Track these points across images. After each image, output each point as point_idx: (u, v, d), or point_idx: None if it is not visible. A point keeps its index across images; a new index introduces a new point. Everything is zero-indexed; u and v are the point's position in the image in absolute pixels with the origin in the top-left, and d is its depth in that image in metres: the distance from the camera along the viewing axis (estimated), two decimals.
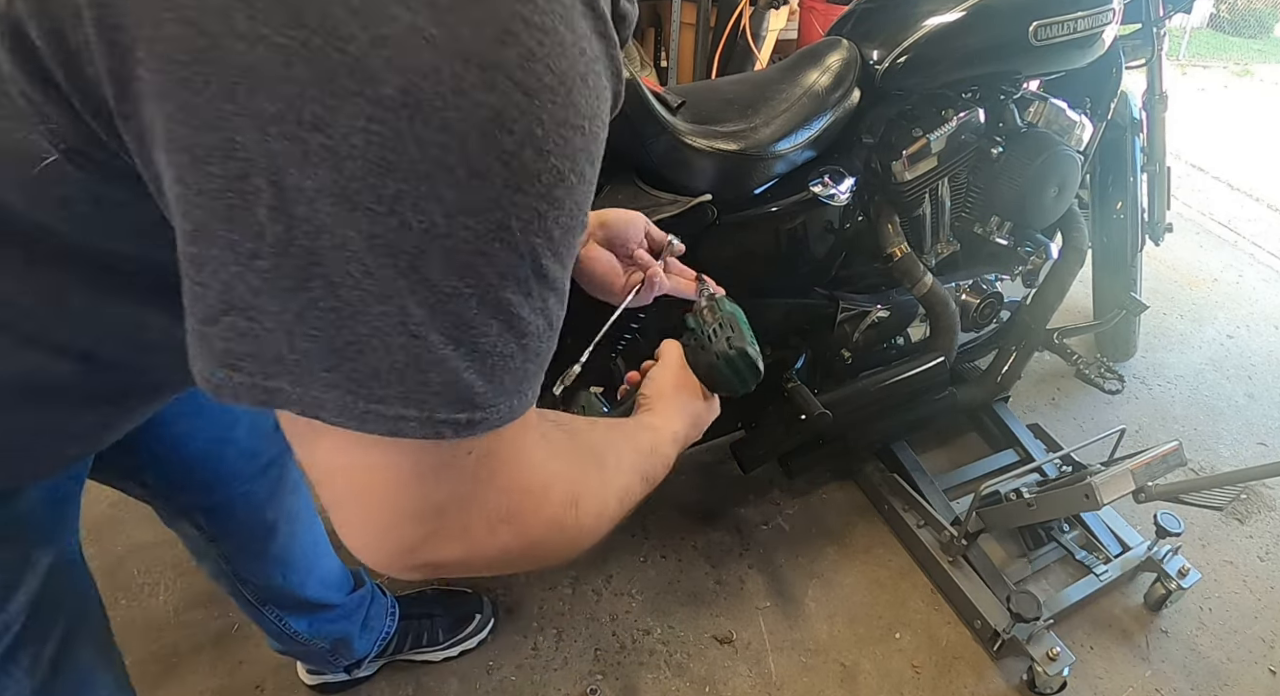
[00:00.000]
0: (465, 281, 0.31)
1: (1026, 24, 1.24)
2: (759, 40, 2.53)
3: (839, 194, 1.21)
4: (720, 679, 1.30)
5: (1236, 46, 5.74)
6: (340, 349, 0.30)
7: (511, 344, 0.33)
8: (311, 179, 0.27)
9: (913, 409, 1.51)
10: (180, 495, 0.86)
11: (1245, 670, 1.37)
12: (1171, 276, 2.52)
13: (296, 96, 0.26)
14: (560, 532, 0.42)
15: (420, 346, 0.31)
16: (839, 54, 1.24)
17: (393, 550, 0.37)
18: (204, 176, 0.28)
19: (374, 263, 0.29)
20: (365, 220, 0.28)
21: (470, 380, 0.32)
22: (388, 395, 0.31)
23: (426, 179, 0.28)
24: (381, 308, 0.30)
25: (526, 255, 0.32)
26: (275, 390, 0.31)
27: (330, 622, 1.11)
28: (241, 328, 0.30)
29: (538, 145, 0.30)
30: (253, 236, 0.28)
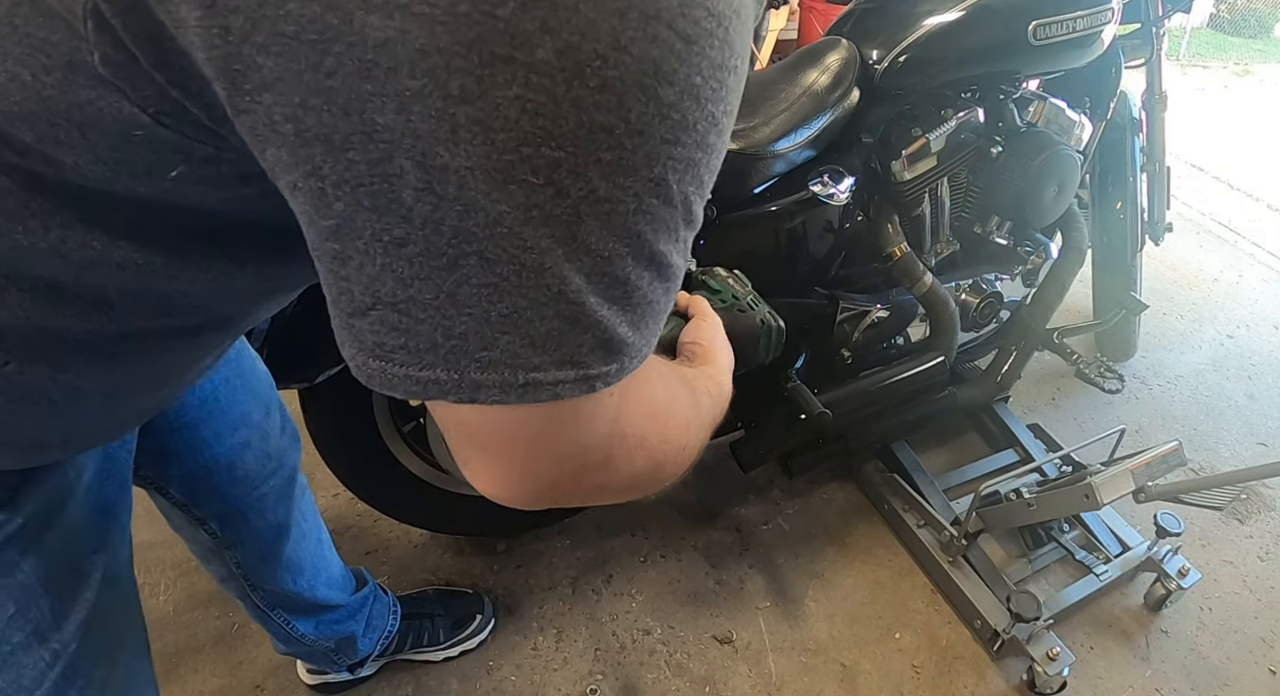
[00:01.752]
0: (623, 242, 0.30)
1: (1026, 23, 1.24)
2: (759, 40, 2.54)
3: (838, 193, 1.22)
4: (720, 679, 1.30)
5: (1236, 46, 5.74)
6: (496, 323, 0.29)
7: (659, 290, 0.33)
8: (461, 155, 0.26)
9: (913, 409, 1.51)
10: (199, 505, 0.86)
11: (1245, 670, 1.37)
12: (1171, 276, 2.52)
13: (442, 69, 0.24)
14: (679, 453, 0.43)
15: (578, 310, 0.30)
16: (838, 53, 1.24)
17: (534, 490, 0.38)
18: (344, 165, 0.26)
19: (530, 235, 0.28)
20: (521, 193, 0.27)
21: (623, 332, 0.32)
22: (544, 362, 0.30)
23: (586, 143, 0.27)
24: (538, 279, 0.29)
25: (680, 204, 0.31)
26: (430, 380, 0.30)
27: (335, 623, 1.11)
28: (392, 321, 0.29)
29: (696, 94, 0.28)
30: (400, 221, 0.27)
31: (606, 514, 1.54)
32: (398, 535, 1.48)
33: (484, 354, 0.30)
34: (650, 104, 0.27)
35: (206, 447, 0.81)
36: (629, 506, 1.56)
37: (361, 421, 1.14)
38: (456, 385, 0.30)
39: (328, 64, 0.24)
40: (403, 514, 1.33)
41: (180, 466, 0.80)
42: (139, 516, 0.99)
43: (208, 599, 1.35)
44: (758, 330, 0.76)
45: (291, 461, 0.95)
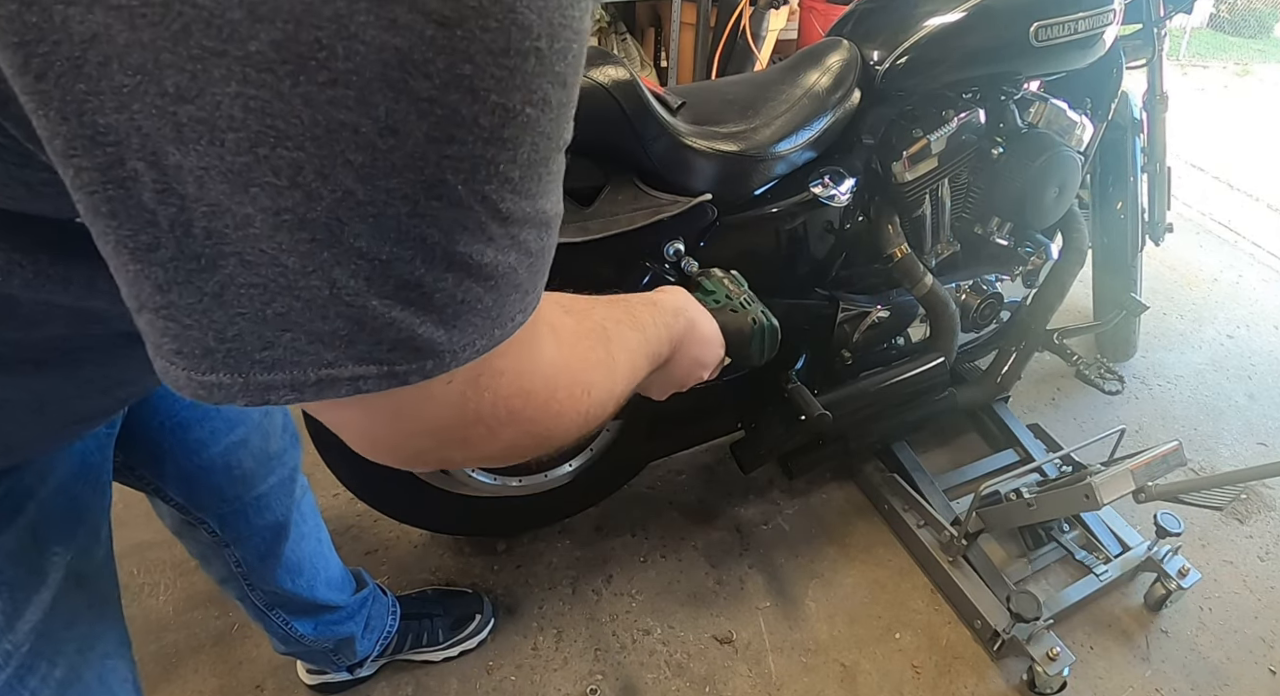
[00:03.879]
0: (403, 246, 0.27)
1: (1027, 25, 1.24)
2: (759, 40, 2.53)
3: (839, 195, 1.22)
4: (720, 679, 1.30)
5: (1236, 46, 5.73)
6: (272, 322, 0.27)
7: (476, 289, 0.30)
8: (193, 156, 0.23)
9: (913, 409, 1.51)
10: (197, 506, 0.86)
11: (1245, 670, 1.37)
12: (1171, 276, 2.52)
13: (152, 64, 0.22)
14: (570, 419, 0.41)
15: (361, 313, 0.27)
16: (839, 54, 1.24)
17: (400, 461, 0.38)
18: (75, 171, 0.24)
19: (288, 240, 0.25)
20: (265, 196, 0.24)
21: (429, 333, 0.29)
22: (338, 357, 0.28)
23: (328, 143, 0.24)
24: (306, 281, 0.26)
25: (476, 205, 0.27)
26: (214, 384, 0.28)
27: (335, 624, 1.11)
28: (160, 325, 0.27)
29: (468, 86, 0.25)
30: (145, 226, 0.25)
31: (606, 514, 1.54)
32: (398, 535, 1.48)
33: (266, 354, 0.27)
34: (401, 100, 0.24)
35: (203, 448, 0.80)
36: (629, 506, 1.56)
37: None
38: (244, 388, 0.28)
39: (35, 66, 0.22)
40: (402, 514, 1.33)
41: (176, 468, 0.80)
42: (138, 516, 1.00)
43: (207, 599, 1.35)
44: (749, 329, 0.75)
45: (292, 461, 0.94)
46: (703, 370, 0.69)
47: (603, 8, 2.70)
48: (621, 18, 2.81)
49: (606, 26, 2.75)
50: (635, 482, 1.54)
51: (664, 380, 0.65)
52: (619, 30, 2.78)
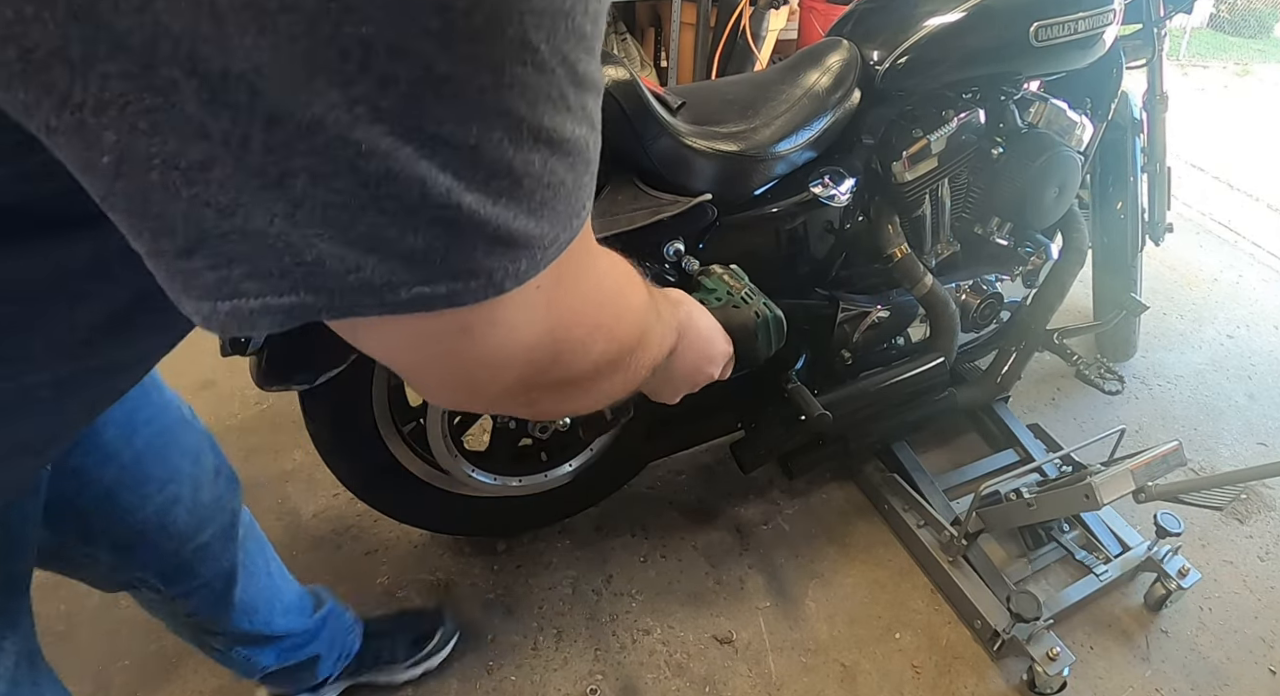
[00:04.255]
0: (490, 125, 0.24)
1: (1027, 25, 1.24)
2: (759, 40, 2.53)
3: (839, 195, 1.22)
4: (720, 679, 1.30)
5: (1236, 46, 5.73)
6: (356, 244, 0.24)
7: (560, 168, 0.27)
8: (239, 54, 0.20)
9: (913, 409, 1.51)
10: (135, 567, 0.81)
11: (1245, 670, 1.37)
12: (1171, 276, 2.52)
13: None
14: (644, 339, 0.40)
15: (455, 214, 0.25)
16: (839, 54, 1.24)
17: (488, 399, 0.35)
18: (98, 83, 0.21)
19: (364, 136, 0.22)
20: (335, 89, 0.21)
21: (523, 226, 0.27)
22: (431, 274, 0.26)
23: (400, 12, 0.21)
24: (390, 188, 0.23)
25: (559, 67, 0.25)
26: (294, 305, 0.25)
27: (296, 648, 1.08)
28: (227, 251, 0.24)
29: None
30: (195, 139, 0.21)
31: (606, 514, 1.54)
32: (398, 535, 1.48)
33: (352, 277, 0.25)
34: None
35: (134, 511, 0.76)
36: (629, 506, 1.56)
37: (361, 422, 1.14)
38: (328, 305, 0.25)
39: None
40: (402, 514, 1.33)
41: (109, 539, 0.75)
42: None
43: None
44: (753, 323, 0.75)
45: (231, 505, 0.90)
46: (711, 366, 0.67)
47: None
48: (621, 18, 2.81)
49: (606, 26, 2.75)
50: (635, 482, 1.54)
51: (670, 378, 0.64)
52: (619, 30, 2.78)
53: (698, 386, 0.68)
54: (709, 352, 0.67)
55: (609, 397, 0.42)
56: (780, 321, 0.77)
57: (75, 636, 1.24)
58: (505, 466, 1.29)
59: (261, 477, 1.58)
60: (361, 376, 1.10)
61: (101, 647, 1.27)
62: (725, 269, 0.82)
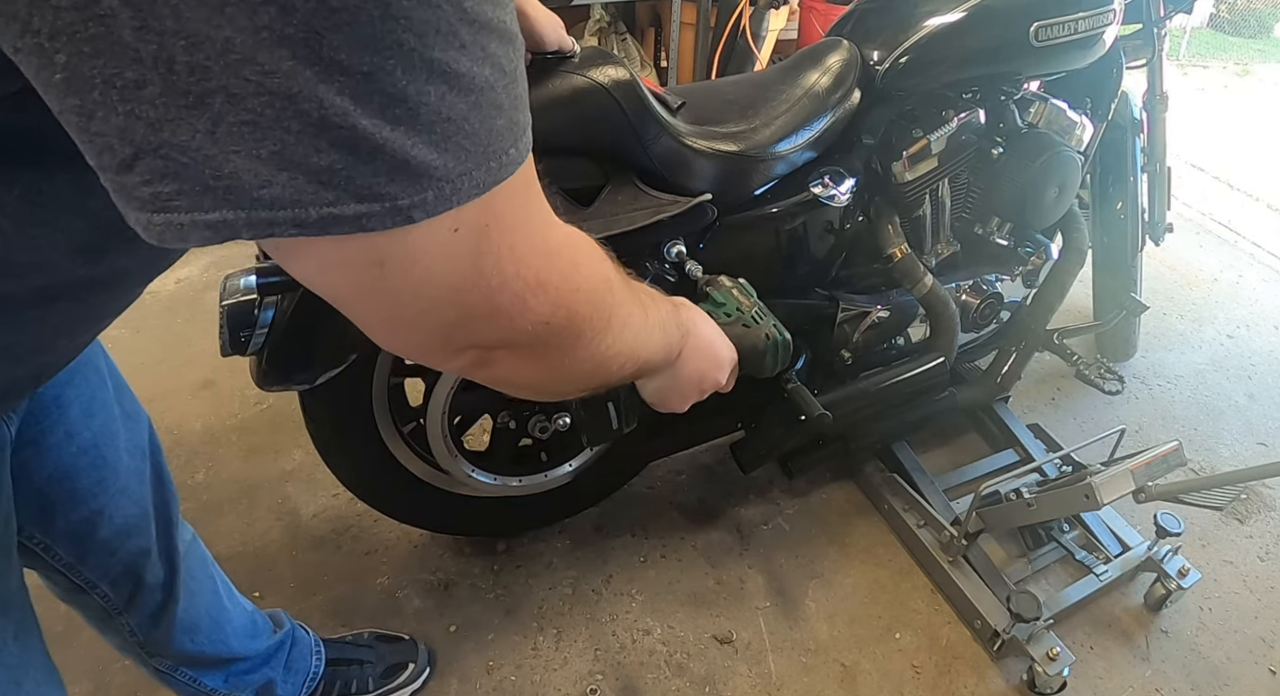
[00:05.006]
0: (382, 55, 0.27)
1: (1027, 25, 1.24)
2: (759, 40, 2.53)
3: (839, 195, 1.22)
4: (720, 679, 1.30)
5: (1236, 46, 5.73)
6: (268, 159, 0.27)
7: (460, 104, 0.30)
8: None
9: (913, 409, 1.51)
10: (87, 564, 0.81)
11: (1245, 670, 1.37)
12: (1171, 276, 2.52)
13: None
14: (599, 311, 0.40)
15: (354, 136, 0.27)
16: (839, 54, 1.24)
17: (424, 343, 0.36)
18: (51, 13, 0.24)
19: (269, 59, 0.25)
20: (241, 14, 0.24)
21: (423, 155, 0.29)
22: (338, 196, 0.28)
23: None
24: (294, 107, 0.26)
25: (445, 4, 0.28)
26: (218, 222, 0.28)
27: (248, 673, 1.05)
28: (157, 167, 0.27)
29: None
30: (130, 63, 0.25)
31: (606, 514, 1.54)
32: (398, 535, 1.48)
33: (264, 192, 0.28)
34: None
35: (91, 497, 0.77)
36: (629, 506, 1.56)
37: (361, 421, 1.14)
38: (246, 222, 0.28)
39: None
40: (402, 514, 1.33)
41: (65, 521, 0.76)
42: None
43: None
44: (763, 345, 0.76)
45: (174, 515, 0.90)
46: (719, 372, 0.68)
47: (602, 8, 2.70)
48: (621, 18, 2.81)
49: (606, 26, 2.75)
50: (635, 482, 1.54)
51: (677, 383, 0.65)
52: (619, 30, 2.78)
53: (705, 393, 0.68)
54: (716, 358, 0.68)
55: (578, 379, 0.42)
56: (788, 344, 0.77)
57: (75, 636, 1.24)
58: (505, 466, 1.29)
59: (261, 477, 1.58)
60: (361, 376, 1.10)
61: (102, 647, 1.26)
62: (734, 282, 0.82)
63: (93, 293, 0.48)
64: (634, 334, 0.47)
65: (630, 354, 0.47)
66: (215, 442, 1.65)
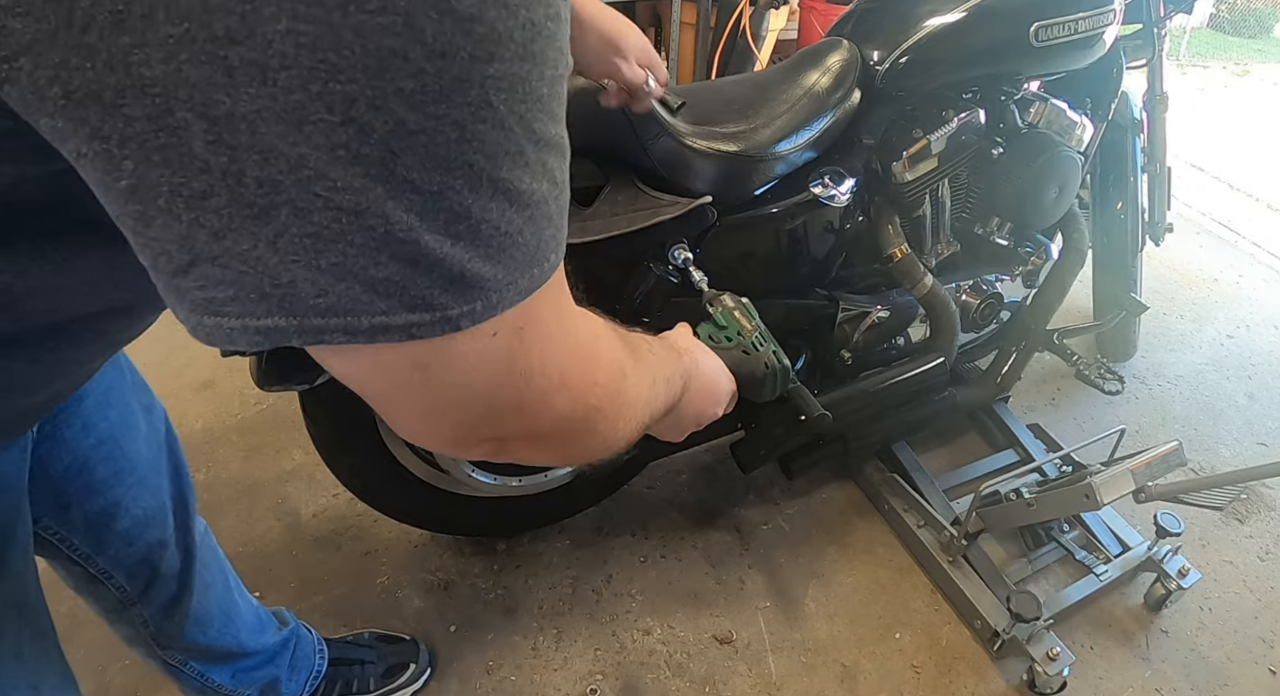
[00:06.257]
0: (453, 174, 0.27)
1: (1027, 25, 1.24)
2: (759, 40, 2.53)
3: (839, 195, 1.22)
4: (720, 679, 1.30)
5: (1236, 46, 5.73)
6: (327, 270, 0.27)
7: (517, 220, 0.30)
8: (244, 101, 0.24)
9: (913, 409, 1.51)
10: (104, 554, 0.82)
11: (1245, 670, 1.37)
12: (1171, 276, 2.52)
13: (200, 10, 0.22)
14: (614, 402, 0.41)
15: (415, 251, 0.28)
16: (839, 55, 1.24)
17: (449, 436, 0.37)
18: (123, 121, 0.24)
19: (342, 176, 0.26)
20: (319, 133, 0.25)
21: (477, 268, 0.30)
22: (391, 306, 0.29)
23: (379, 74, 0.24)
24: (361, 222, 0.27)
25: (516, 126, 0.29)
26: (270, 328, 0.28)
27: (254, 669, 1.06)
28: (214, 275, 0.27)
29: (502, 1, 0.26)
30: (198, 173, 0.25)
31: (606, 514, 1.54)
32: (398, 535, 1.48)
33: (319, 301, 0.28)
34: (445, 20, 0.25)
35: (108, 488, 0.77)
36: (629, 507, 1.56)
37: (361, 421, 1.14)
38: (298, 329, 0.29)
39: (79, 19, 0.23)
40: (402, 514, 1.33)
41: (81, 513, 0.76)
42: None
43: None
44: (761, 373, 0.76)
45: (190, 506, 0.91)
46: (716, 407, 0.70)
47: None
48: None
49: None
50: (635, 482, 1.54)
51: (676, 423, 0.66)
52: None
53: (703, 425, 0.70)
54: (715, 396, 0.70)
55: (588, 456, 0.44)
56: (787, 371, 0.78)
57: (76, 636, 1.24)
58: (505, 466, 1.29)
59: (261, 477, 1.58)
60: None
61: (102, 647, 1.27)
62: (736, 302, 0.81)
63: (111, 323, 0.49)
64: (644, 405, 0.48)
65: (639, 424, 0.48)
66: (215, 442, 1.65)
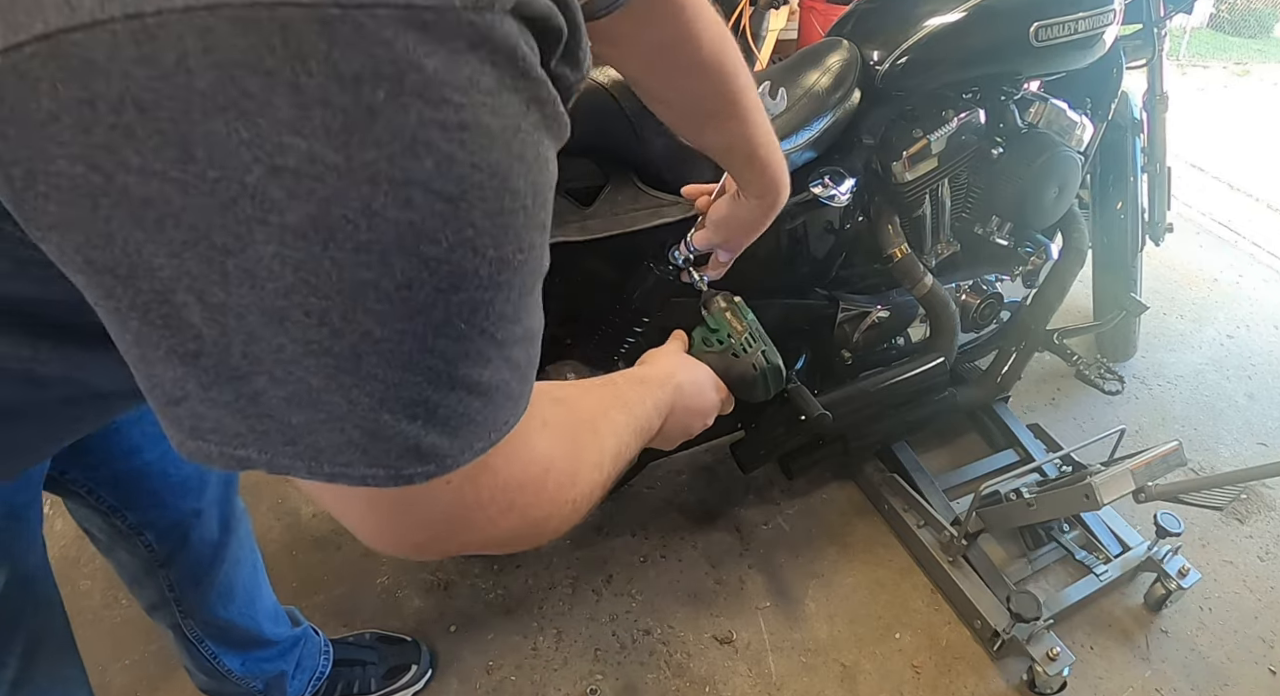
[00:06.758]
0: (412, 373, 0.30)
1: (1027, 25, 1.24)
2: (759, 40, 2.53)
3: (839, 195, 1.21)
4: (720, 679, 1.30)
5: (1236, 46, 5.73)
6: (296, 428, 0.31)
7: (475, 403, 0.33)
8: (235, 296, 0.27)
9: (913, 409, 1.51)
10: (134, 509, 0.84)
11: (1245, 670, 1.37)
12: (1171, 276, 2.52)
13: (203, 225, 0.26)
14: (561, 507, 0.43)
15: (374, 426, 0.31)
16: (839, 55, 1.24)
17: (403, 551, 0.40)
18: (132, 292, 0.28)
19: (314, 364, 0.29)
20: (297, 329, 0.28)
21: (433, 441, 0.33)
22: (350, 460, 0.32)
23: (353, 295, 0.28)
24: (328, 398, 0.30)
25: (478, 338, 0.32)
26: (244, 458, 0.32)
27: (265, 661, 1.08)
28: (200, 411, 0.31)
29: (471, 245, 0.29)
30: (192, 338, 0.29)
31: (606, 514, 1.54)
32: None
33: (289, 448, 0.31)
34: (415, 261, 0.28)
35: (138, 453, 0.79)
36: (629, 507, 1.56)
37: None
38: (268, 463, 0.32)
39: (102, 212, 0.26)
40: None
41: (110, 470, 0.79)
42: None
43: None
44: (751, 375, 0.77)
45: (229, 478, 0.93)
46: (702, 419, 0.72)
47: None
48: None
49: None
50: (635, 482, 1.54)
51: (664, 438, 0.68)
52: None
53: (693, 435, 0.73)
54: (702, 411, 0.72)
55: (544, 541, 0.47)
56: (779, 371, 0.78)
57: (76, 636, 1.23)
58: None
59: (261, 477, 1.58)
60: None
61: (102, 647, 1.27)
62: (729, 303, 0.82)
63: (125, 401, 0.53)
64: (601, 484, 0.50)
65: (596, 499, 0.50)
66: None
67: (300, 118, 0.25)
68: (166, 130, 0.25)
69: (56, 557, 1.41)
